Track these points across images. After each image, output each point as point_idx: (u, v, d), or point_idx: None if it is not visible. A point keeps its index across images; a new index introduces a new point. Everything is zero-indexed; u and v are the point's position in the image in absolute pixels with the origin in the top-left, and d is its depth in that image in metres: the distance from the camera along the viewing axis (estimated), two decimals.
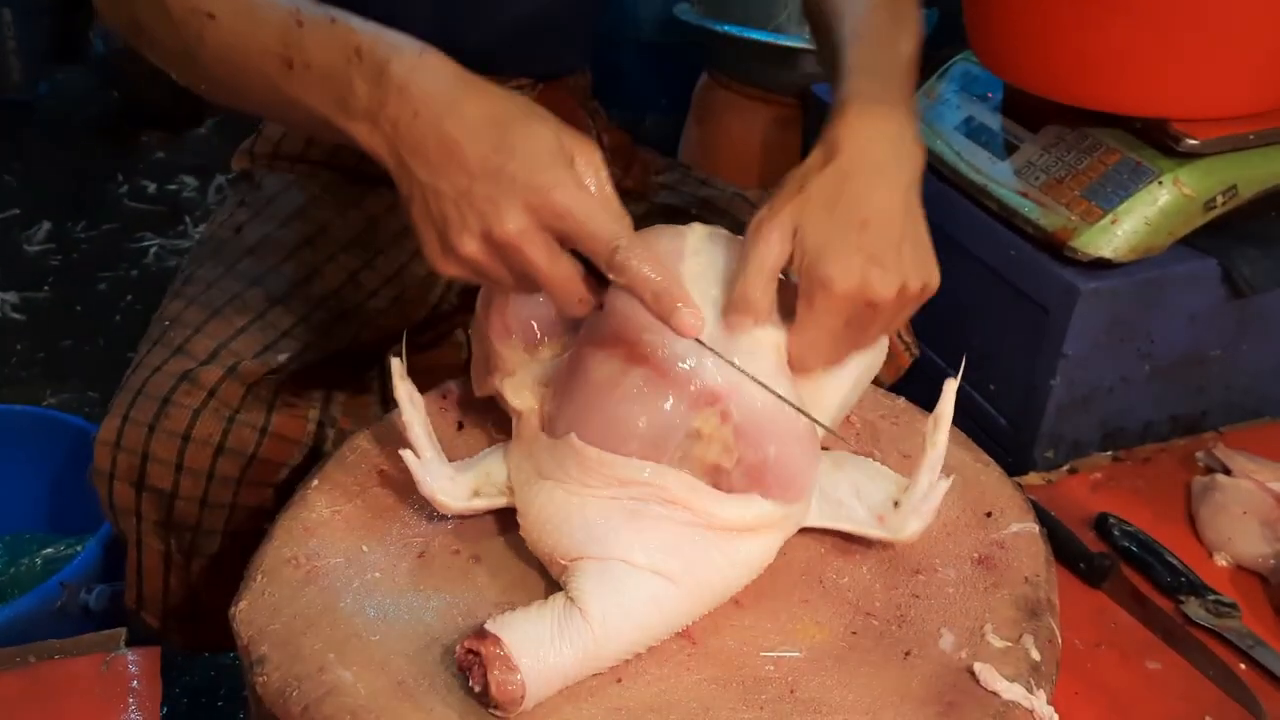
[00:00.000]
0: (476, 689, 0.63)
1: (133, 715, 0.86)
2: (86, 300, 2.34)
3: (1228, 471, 1.13)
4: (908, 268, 0.72)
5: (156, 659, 0.91)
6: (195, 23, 0.72)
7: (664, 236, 0.79)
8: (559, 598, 0.67)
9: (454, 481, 0.75)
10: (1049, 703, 0.67)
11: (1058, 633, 0.72)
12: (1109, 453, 1.20)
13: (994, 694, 0.66)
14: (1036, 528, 0.79)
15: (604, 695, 0.66)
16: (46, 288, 2.37)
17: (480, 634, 0.64)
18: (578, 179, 0.65)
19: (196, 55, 0.74)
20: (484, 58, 1.10)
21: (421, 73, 0.67)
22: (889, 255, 0.71)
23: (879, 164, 0.73)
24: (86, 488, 1.01)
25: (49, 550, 1.42)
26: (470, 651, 0.64)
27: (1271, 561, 1.04)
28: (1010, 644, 0.70)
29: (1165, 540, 1.06)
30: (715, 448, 0.70)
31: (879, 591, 0.74)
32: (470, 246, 0.65)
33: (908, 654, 0.69)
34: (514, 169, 0.64)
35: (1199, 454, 1.17)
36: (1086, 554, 1.04)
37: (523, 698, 0.63)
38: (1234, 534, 1.07)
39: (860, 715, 0.64)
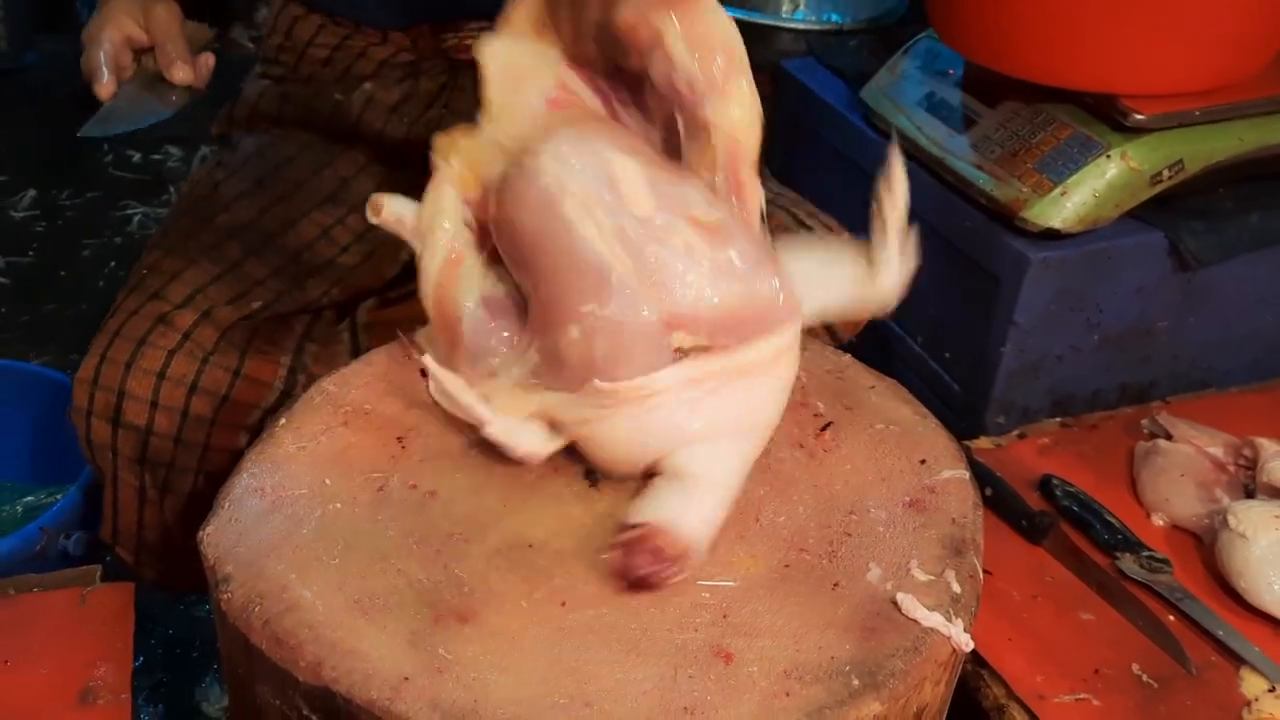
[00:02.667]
0: (643, 571, 0.70)
1: (107, 646, 0.90)
2: (70, 266, 2.36)
3: (1170, 437, 1.18)
4: None
5: (130, 594, 0.95)
6: None
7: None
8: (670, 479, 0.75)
9: (532, 434, 0.78)
10: (966, 631, 0.71)
11: (980, 569, 0.76)
12: (1058, 419, 1.25)
13: (914, 621, 0.70)
14: (967, 474, 0.83)
15: (547, 616, 0.70)
16: (31, 253, 2.39)
17: (629, 528, 0.72)
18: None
19: None
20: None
21: None
22: None
23: None
24: (67, 432, 1.05)
25: (29, 498, 1.46)
26: (622, 545, 0.71)
27: (1205, 521, 1.09)
28: (933, 578, 0.74)
29: (1107, 502, 1.11)
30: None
31: (813, 530, 0.78)
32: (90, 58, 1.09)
33: (836, 585, 0.73)
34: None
35: (1144, 421, 1.22)
36: (1028, 512, 1.08)
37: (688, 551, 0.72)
38: (1171, 495, 1.12)
39: (787, 639, 0.69)
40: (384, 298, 1.16)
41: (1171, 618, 1.00)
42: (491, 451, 0.80)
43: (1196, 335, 1.36)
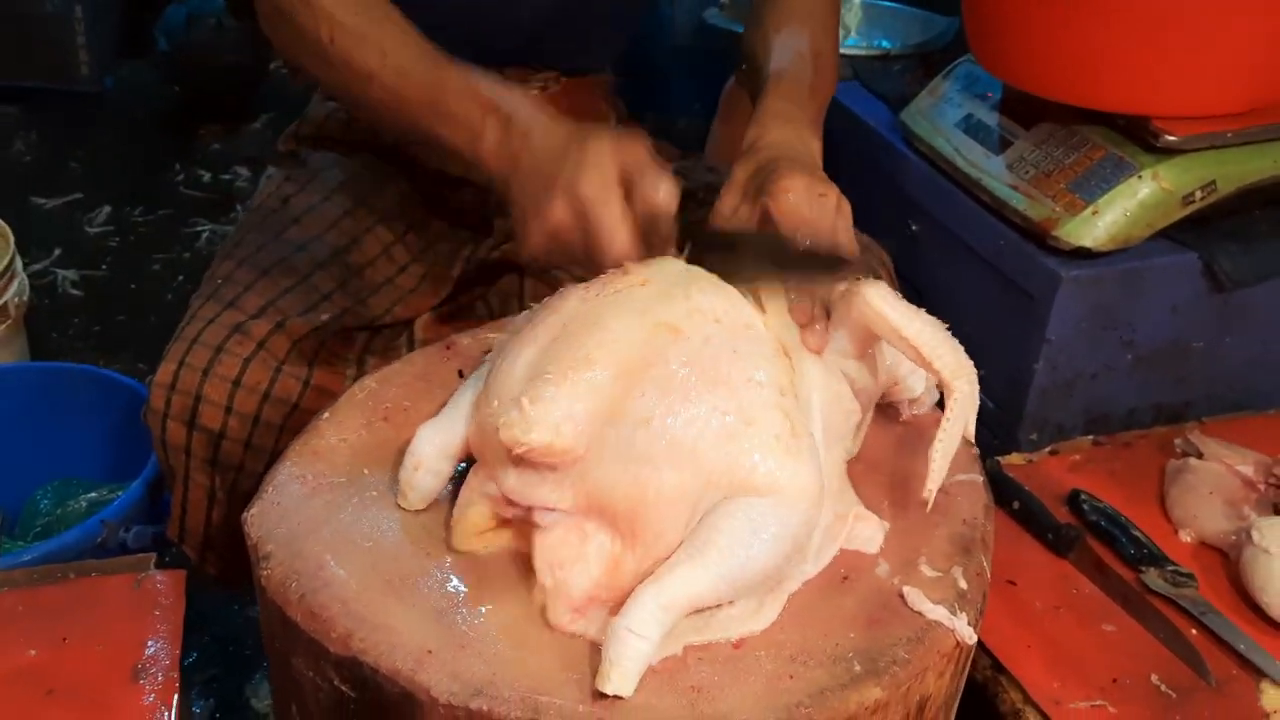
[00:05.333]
0: None
1: (159, 627, 0.95)
2: (141, 279, 2.47)
3: (1201, 456, 1.18)
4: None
5: (182, 580, 1.00)
6: (357, 80, 0.97)
7: None
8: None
9: None
10: (971, 625, 0.73)
11: (987, 568, 0.78)
12: (1091, 437, 1.25)
13: (919, 614, 0.73)
14: (980, 479, 0.85)
15: None
16: (104, 267, 2.50)
17: None
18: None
19: (355, 98, 1.00)
20: (511, 50, 1.19)
21: (537, 124, 0.88)
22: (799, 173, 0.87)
23: (784, 145, 0.93)
24: (137, 433, 1.10)
25: (93, 494, 1.53)
26: None
27: (1232, 538, 1.09)
28: (941, 574, 0.76)
29: (1136, 518, 1.12)
30: None
31: None
32: (559, 211, 0.82)
33: (846, 578, 0.76)
34: (590, 160, 0.82)
35: (1177, 440, 1.22)
36: (1055, 525, 1.10)
37: None
38: (1199, 512, 1.13)
39: (793, 624, 0.72)
40: (439, 313, 1.20)
41: (1194, 631, 1.01)
42: None
43: (1234, 356, 1.36)
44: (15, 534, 1.51)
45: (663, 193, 0.82)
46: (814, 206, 0.85)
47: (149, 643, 0.94)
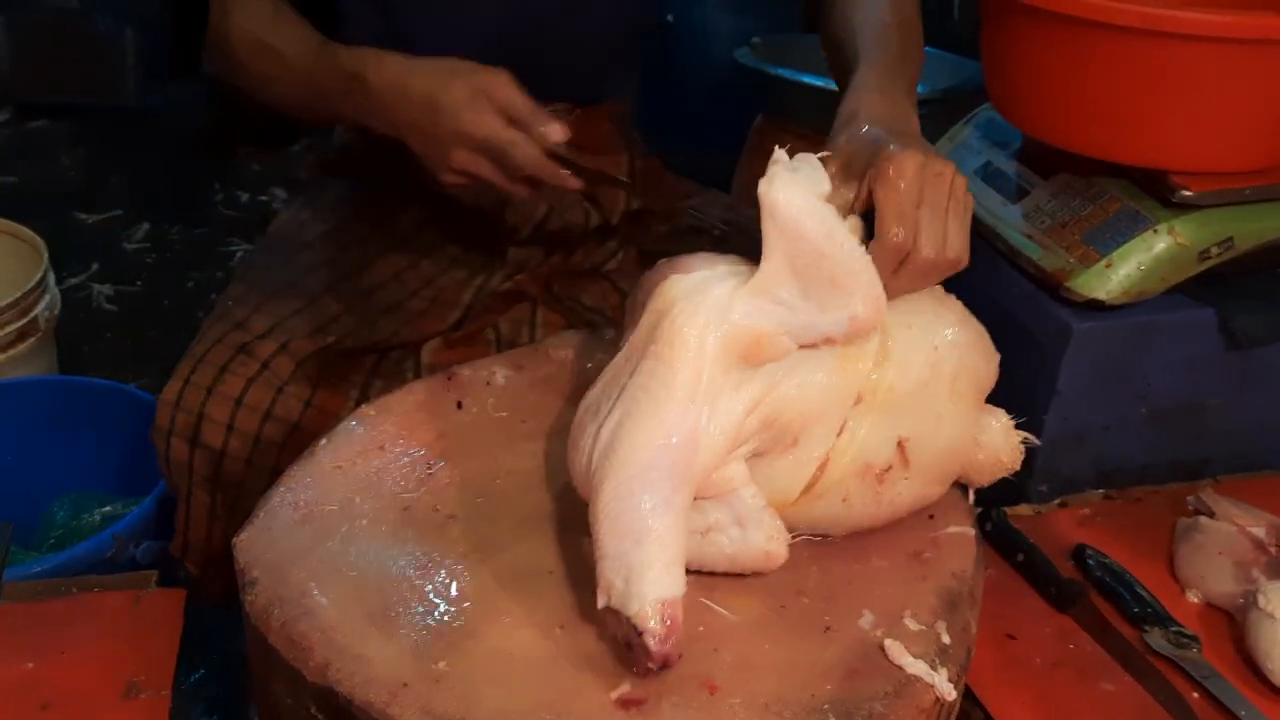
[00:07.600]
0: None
1: (155, 646, 0.96)
2: (175, 296, 2.51)
3: (1213, 515, 1.16)
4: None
5: (181, 600, 1.01)
6: (265, 85, 1.10)
7: None
8: None
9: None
10: (951, 681, 0.73)
11: (974, 623, 0.78)
12: (1101, 491, 1.24)
13: (899, 667, 0.72)
14: (972, 532, 0.85)
15: (545, 638, 0.73)
16: (139, 282, 2.54)
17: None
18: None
19: (274, 102, 1.12)
20: (524, 84, 1.20)
21: (379, 74, 0.99)
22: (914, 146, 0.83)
23: (888, 119, 0.89)
24: (148, 448, 1.12)
25: (108, 508, 1.55)
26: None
27: (1240, 600, 1.07)
28: (925, 628, 0.76)
29: (1142, 576, 1.10)
30: None
31: (814, 574, 0.80)
32: (460, 157, 0.96)
33: (828, 628, 0.76)
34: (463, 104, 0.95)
35: (1189, 498, 1.20)
36: (1057, 579, 1.09)
37: None
38: (1207, 572, 1.11)
39: (772, 675, 0.71)
40: (447, 339, 1.22)
41: (1195, 695, 0.99)
42: (512, 480, 0.84)
43: (1253, 414, 1.34)
44: (30, 545, 1.53)
45: (555, 133, 0.95)
46: (929, 187, 0.80)
47: (144, 661, 0.95)
